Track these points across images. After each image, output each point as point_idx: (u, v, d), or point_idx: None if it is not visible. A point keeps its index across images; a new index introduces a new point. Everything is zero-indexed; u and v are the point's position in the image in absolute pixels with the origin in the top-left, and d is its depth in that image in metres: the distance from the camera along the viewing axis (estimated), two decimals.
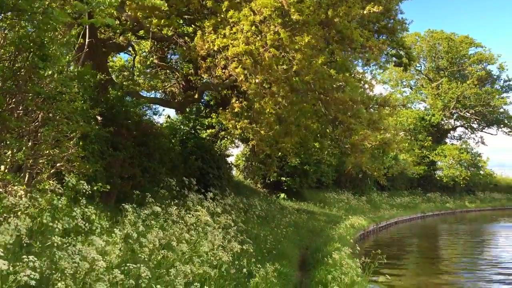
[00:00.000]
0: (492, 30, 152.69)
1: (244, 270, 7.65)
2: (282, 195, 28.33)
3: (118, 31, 13.58)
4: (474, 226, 35.29)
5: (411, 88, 61.06)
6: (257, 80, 8.61)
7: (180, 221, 6.72)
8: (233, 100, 10.19)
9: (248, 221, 13.83)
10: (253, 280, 6.70)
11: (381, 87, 54.52)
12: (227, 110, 10.79)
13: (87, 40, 8.48)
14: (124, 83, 14.68)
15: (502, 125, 56.89)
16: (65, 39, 5.98)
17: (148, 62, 19.02)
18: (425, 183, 53.10)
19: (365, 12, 9.82)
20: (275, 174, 27.87)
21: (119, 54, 19.31)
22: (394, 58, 21.12)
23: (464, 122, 58.86)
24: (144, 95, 18.01)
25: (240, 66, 8.58)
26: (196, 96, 12.65)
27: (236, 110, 9.78)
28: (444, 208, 48.78)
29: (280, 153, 17.56)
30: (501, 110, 55.74)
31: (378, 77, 54.06)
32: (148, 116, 18.73)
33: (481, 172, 55.33)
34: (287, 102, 10.00)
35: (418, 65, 58.49)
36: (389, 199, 41.59)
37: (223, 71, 8.99)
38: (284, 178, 28.40)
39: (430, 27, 68.48)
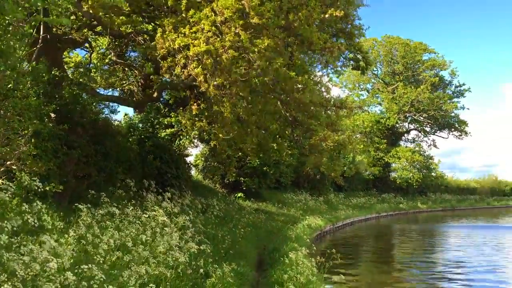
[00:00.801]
0: (445, 37, 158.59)
1: (201, 270, 7.63)
2: (241, 195, 28.38)
3: (74, 26, 13.22)
4: (426, 226, 36.55)
5: (368, 92, 62.61)
6: (216, 82, 8.59)
7: (136, 222, 6.62)
8: (191, 101, 10.11)
9: (206, 221, 13.78)
10: (209, 280, 6.69)
11: (339, 90, 55.57)
12: (185, 111, 10.70)
13: (41, 35, 8.20)
14: (80, 79, 14.28)
15: (453, 129, 59.21)
16: (18, 34, 5.77)
17: (107, 60, 18.59)
18: (380, 184, 54.57)
19: (327, 16, 10.00)
20: (234, 175, 27.94)
21: (76, 50, 18.78)
22: (352, 62, 21.64)
23: (418, 125, 60.88)
24: (101, 93, 17.60)
25: (199, 66, 8.55)
26: (155, 95, 12.48)
27: (194, 112, 9.70)
28: (397, 209, 50.29)
29: (240, 153, 17.57)
30: (452, 114, 58.01)
31: (336, 80, 55.11)
32: (105, 115, 18.35)
33: (433, 174, 57.46)
34: (247, 103, 10.04)
35: (375, 69, 60.05)
36: (346, 199, 42.46)
37: (183, 70, 8.92)
38: (243, 179, 28.44)
39: (387, 33, 70.35)
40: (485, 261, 17.03)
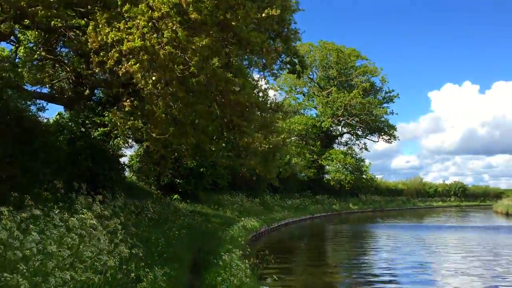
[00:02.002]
0: (376, 44, 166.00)
1: (132, 274, 7.41)
2: (177, 197, 27.97)
3: None
4: (357, 226, 37.88)
5: (304, 95, 64.02)
6: (153, 78, 8.37)
7: (62, 225, 6.30)
8: (124, 99, 9.79)
9: (140, 224, 13.42)
10: (140, 285, 6.50)
11: (276, 93, 56.30)
12: (118, 109, 10.34)
13: None
14: (4, 74, 13.42)
15: (382, 133, 61.87)
16: None
17: (36, 56, 17.61)
18: (314, 186, 55.92)
19: (263, 14, 10.06)
20: (169, 176, 27.48)
21: (1, 44, 17.67)
22: (288, 66, 22.00)
23: (350, 129, 63.04)
24: (29, 89, 16.66)
25: (138, 63, 8.30)
26: (86, 93, 11.97)
27: (127, 109, 9.40)
28: (331, 210, 51.81)
29: (175, 154, 17.28)
30: (382, 119, 60.62)
31: (273, 83, 55.90)
32: (32, 112, 17.38)
33: (364, 176, 59.74)
34: (183, 103, 9.89)
35: (310, 73, 61.53)
36: (281, 201, 43.09)
37: (119, 67, 8.63)
38: (179, 180, 28.07)
39: (322, 38, 72.59)
40: (414, 261, 17.88)
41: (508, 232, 32.05)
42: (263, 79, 14.10)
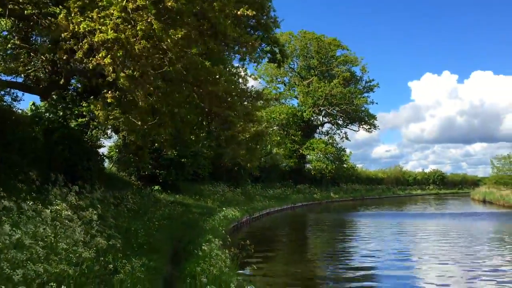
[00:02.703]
0: (357, 34, 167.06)
1: (111, 266, 7.32)
2: (157, 187, 27.78)
3: None
4: (338, 215, 38.20)
5: (284, 85, 64.02)
6: (126, 72, 8.18)
7: (36, 217, 6.16)
8: (105, 90, 9.57)
9: (119, 215, 13.29)
10: (117, 276, 6.42)
11: (257, 82, 56.20)
12: (98, 100, 10.11)
13: None
14: None
15: (363, 122, 62.36)
16: None
17: (10, 45, 17.11)
18: (295, 176, 56.21)
19: (238, 12, 9.92)
20: (150, 167, 27.25)
21: None
22: (269, 55, 21.93)
23: (331, 118, 63.37)
24: (3, 79, 16.23)
25: (108, 56, 8.09)
26: (62, 82, 11.69)
27: (108, 100, 9.19)
28: (312, 199, 52.19)
29: (155, 144, 17.07)
30: (363, 108, 61.09)
31: (254, 72, 55.73)
32: (6, 102, 16.96)
33: (345, 165, 60.24)
34: (161, 93, 9.73)
35: (291, 63, 61.54)
36: (263, 190, 43.21)
37: (90, 59, 8.40)
38: (159, 171, 27.86)
39: (303, 28, 72.54)
40: (394, 248, 18.13)
41: (484, 219, 32.74)
42: (242, 68, 13.99)
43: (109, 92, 10.02)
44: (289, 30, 60.57)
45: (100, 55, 8.06)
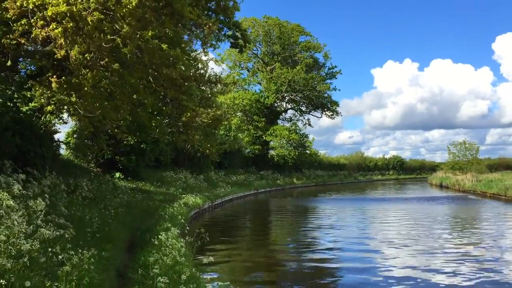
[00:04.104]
0: (320, 21, 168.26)
1: (60, 257, 6.95)
2: (118, 174, 27.10)
3: None
4: (300, 201, 38.54)
5: (248, 71, 63.65)
6: (78, 48, 7.70)
7: None
8: (50, 72, 9.00)
9: (72, 203, 12.75)
10: (63, 268, 6.09)
11: (220, 68, 55.57)
12: (41, 82, 9.52)
13: None
14: None
15: (326, 109, 62.97)
16: None
17: None
18: (259, 162, 56.32)
19: None
20: (109, 153, 26.50)
21: None
22: (231, 40, 21.53)
23: (294, 105, 63.64)
24: None
25: (60, 27, 7.58)
26: (8, 64, 10.99)
27: (53, 84, 8.64)
28: (275, 185, 52.48)
29: (109, 130, 16.49)
30: (325, 95, 61.65)
31: (217, 57, 55.09)
32: None
33: (307, 151, 60.75)
34: (115, 76, 9.29)
35: (255, 48, 61.16)
36: (226, 177, 43.04)
37: (40, 30, 7.85)
38: (119, 157, 27.14)
39: (266, 13, 72.33)
40: (355, 233, 18.36)
41: (441, 203, 33.79)
42: (204, 52, 13.58)
43: (54, 74, 9.44)
44: (252, 15, 60.11)
45: (51, 26, 7.56)
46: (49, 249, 6.94)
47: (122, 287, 7.74)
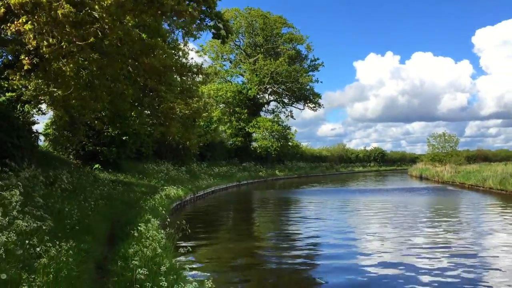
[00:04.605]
0: (302, 13, 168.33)
1: (38, 249, 6.84)
2: (98, 166, 26.75)
3: None
4: (282, 193, 38.67)
5: (230, 62, 63.37)
6: (50, 41, 7.48)
7: None
8: (23, 57, 8.75)
9: (51, 195, 12.55)
10: (40, 261, 5.99)
11: (202, 59, 55.13)
12: (16, 68, 9.24)
13: None
14: None
15: (308, 101, 63.14)
16: None
17: None
18: (241, 154, 56.28)
19: None
20: (90, 144, 26.13)
21: None
22: (213, 30, 21.36)
23: (277, 96, 63.65)
24: None
25: (29, 22, 7.36)
26: None
27: (25, 67, 8.37)
28: (257, 177, 52.56)
29: (88, 121, 16.20)
30: (308, 87, 61.75)
31: (198, 48, 54.69)
32: None
33: (290, 143, 60.91)
34: (95, 66, 9.11)
35: (237, 40, 60.85)
36: (208, 169, 42.91)
37: (9, 25, 7.60)
38: (100, 148, 26.78)
39: (249, 5, 71.98)
40: (337, 225, 18.50)
41: (421, 194, 34.31)
42: (183, 41, 13.43)
43: (27, 58, 9.16)
44: (234, 6, 59.77)
45: (20, 20, 7.33)
46: (26, 241, 6.84)
47: (101, 279, 7.66)
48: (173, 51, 11.92)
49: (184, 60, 12.16)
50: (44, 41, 7.37)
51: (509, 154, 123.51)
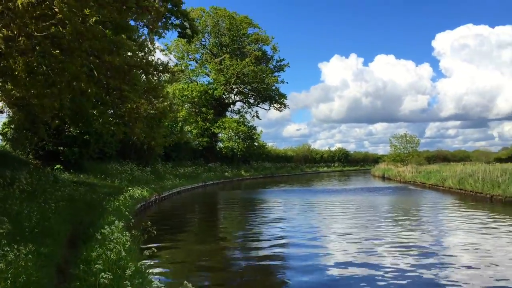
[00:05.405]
0: (267, 15, 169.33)
1: None
2: (59, 166, 25.93)
3: None
4: (248, 193, 38.62)
5: (196, 62, 62.88)
6: (4, 33, 7.15)
7: None
8: None
9: (8, 197, 12.05)
10: None
11: (167, 58, 54.43)
12: None
13: None
14: None
15: (274, 101, 63.40)
16: None
17: None
18: (207, 154, 55.99)
19: None
20: (50, 144, 25.31)
21: None
22: (179, 29, 21.06)
23: (243, 97, 63.63)
24: None
25: None
26: None
27: None
28: (223, 177, 52.38)
29: (46, 120, 15.63)
30: (273, 88, 62.05)
31: (162, 46, 53.99)
32: None
33: (256, 143, 61.04)
34: (53, 62, 8.76)
35: (203, 39, 60.46)
36: (173, 169, 42.45)
37: None
38: (61, 148, 25.98)
39: (214, 4, 71.70)
40: (302, 224, 18.57)
41: (384, 193, 35.00)
42: (149, 39, 13.14)
43: None
44: (199, 6, 59.40)
45: None
46: None
47: (62, 284, 7.37)
48: (138, 50, 11.64)
49: (150, 58, 11.89)
50: (0, 33, 7.03)
51: (466, 155, 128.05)
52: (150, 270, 7.90)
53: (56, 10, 7.59)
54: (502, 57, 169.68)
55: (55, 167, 25.56)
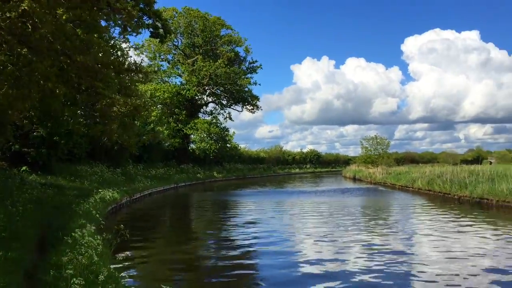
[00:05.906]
0: (240, 16, 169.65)
1: None
2: (26, 168, 25.20)
3: None
4: (220, 195, 38.48)
5: (168, 62, 62.28)
6: None
7: None
8: None
9: None
10: None
11: (139, 59, 53.68)
12: None
13: None
14: None
15: (246, 103, 63.38)
16: None
17: None
18: (179, 155, 55.51)
19: None
20: (17, 145, 24.59)
21: None
22: (151, 29, 20.81)
23: (215, 98, 63.35)
24: None
25: None
26: None
27: None
28: (195, 179, 52.05)
29: (16, 121, 15.21)
30: (246, 89, 62.02)
31: (136, 47, 53.28)
32: None
33: (228, 145, 60.86)
34: (20, 61, 8.49)
35: (175, 40, 59.94)
36: (145, 171, 41.92)
37: None
38: (28, 150, 25.27)
39: (187, 5, 71.15)
40: (274, 226, 18.61)
41: (355, 195, 35.49)
42: (123, 38, 12.92)
43: None
44: (171, 6, 58.84)
45: None
46: None
47: None
48: (110, 48, 11.42)
49: (122, 58, 11.68)
50: None
51: (434, 156, 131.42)
52: (123, 274, 7.74)
53: (25, 7, 7.36)
54: (468, 61, 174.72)
55: (22, 169, 24.85)
